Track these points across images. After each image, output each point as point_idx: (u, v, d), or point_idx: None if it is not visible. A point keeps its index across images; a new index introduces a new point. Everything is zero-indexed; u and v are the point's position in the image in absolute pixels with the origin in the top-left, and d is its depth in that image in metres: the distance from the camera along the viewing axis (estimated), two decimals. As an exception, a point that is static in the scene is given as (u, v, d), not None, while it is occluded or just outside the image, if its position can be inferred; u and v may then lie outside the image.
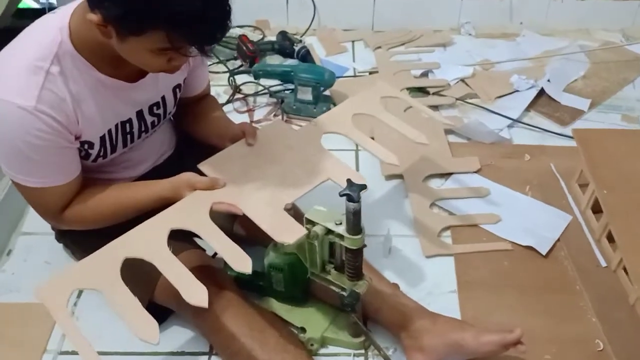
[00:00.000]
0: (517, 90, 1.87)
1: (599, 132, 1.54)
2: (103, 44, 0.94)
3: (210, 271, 1.13)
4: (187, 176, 1.06)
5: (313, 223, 1.00)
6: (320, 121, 1.26)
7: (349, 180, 0.92)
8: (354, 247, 0.98)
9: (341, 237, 0.98)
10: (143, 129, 1.15)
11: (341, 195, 0.91)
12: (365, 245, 1.01)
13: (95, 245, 1.14)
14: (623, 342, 1.18)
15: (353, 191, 0.90)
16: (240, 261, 0.94)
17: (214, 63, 1.97)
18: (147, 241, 0.97)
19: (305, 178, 1.10)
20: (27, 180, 1.01)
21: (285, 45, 2.03)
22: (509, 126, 1.75)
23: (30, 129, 0.94)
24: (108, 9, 0.85)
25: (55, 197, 1.05)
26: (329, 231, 1.00)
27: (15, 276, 1.33)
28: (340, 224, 0.98)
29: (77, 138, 1.03)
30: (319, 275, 1.09)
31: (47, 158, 0.99)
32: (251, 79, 1.88)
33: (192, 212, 1.02)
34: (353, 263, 1.02)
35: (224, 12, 0.88)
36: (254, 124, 1.76)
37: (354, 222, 0.94)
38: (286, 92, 1.85)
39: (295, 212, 1.06)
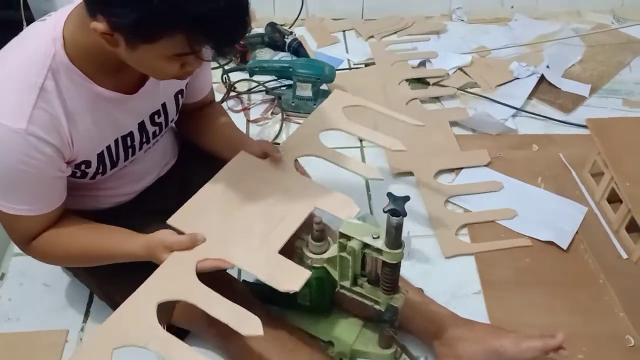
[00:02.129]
0: (517, 78, 1.84)
1: (612, 120, 1.51)
2: (103, 54, 0.84)
3: (231, 287, 1.06)
4: (161, 236, 0.94)
5: (348, 237, 0.94)
6: (287, 147, 1.16)
7: (390, 195, 0.86)
8: (394, 262, 0.93)
9: (379, 251, 0.93)
10: (144, 140, 1.06)
11: (386, 212, 0.85)
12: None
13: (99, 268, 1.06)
14: (654, 337, 1.17)
15: (398, 205, 0.84)
16: (249, 324, 0.85)
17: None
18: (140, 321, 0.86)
19: (292, 212, 1.01)
20: (5, 206, 0.91)
21: (276, 37, 1.94)
22: (513, 115, 1.72)
23: (19, 154, 0.84)
24: (120, 16, 0.76)
25: (30, 225, 0.95)
26: (365, 245, 0.94)
27: (13, 302, 1.24)
28: (378, 237, 0.92)
29: (69, 162, 0.93)
30: (350, 289, 1.03)
31: (32, 187, 0.89)
32: (245, 76, 1.80)
33: (177, 279, 0.90)
34: (390, 277, 0.97)
35: (245, 9, 0.81)
36: (251, 123, 1.70)
37: (396, 236, 0.89)
38: (283, 88, 1.77)
39: (323, 226, 1.01)
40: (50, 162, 0.88)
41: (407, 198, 0.86)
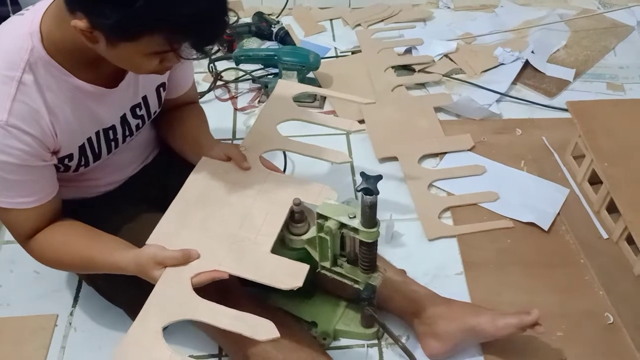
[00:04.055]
0: (502, 64, 1.85)
1: (593, 103, 1.53)
2: (81, 48, 0.86)
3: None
4: (153, 251, 0.93)
5: (325, 217, 0.96)
6: (248, 144, 1.15)
7: (363, 174, 0.88)
8: (370, 240, 0.95)
9: (356, 230, 0.95)
10: (127, 133, 1.07)
11: (358, 190, 0.87)
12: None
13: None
14: (631, 313, 1.19)
15: (371, 184, 0.86)
16: (263, 329, 0.85)
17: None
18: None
19: (272, 209, 1.02)
20: None
21: (263, 27, 1.95)
22: (497, 101, 1.73)
23: (1, 145, 0.85)
24: (102, 16, 0.77)
25: (24, 220, 0.96)
26: (342, 225, 0.96)
27: (4, 289, 1.26)
28: (354, 217, 0.94)
29: (54, 153, 0.94)
30: (330, 269, 1.05)
31: (18, 177, 0.90)
32: (231, 64, 1.81)
33: (176, 299, 0.89)
34: (368, 256, 0.99)
35: (224, 10, 0.83)
36: (238, 112, 1.71)
37: (370, 215, 0.91)
38: (269, 76, 1.78)
39: (302, 208, 1.03)
40: (34, 153, 0.89)
41: (379, 177, 0.88)
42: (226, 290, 1.04)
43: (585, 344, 1.15)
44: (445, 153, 1.56)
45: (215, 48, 1.75)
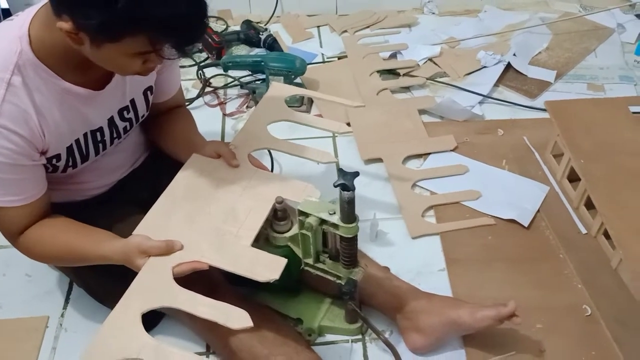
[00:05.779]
0: (485, 66, 1.89)
1: (570, 102, 1.57)
2: (68, 51, 0.89)
3: (201, 273, 1.11)
4: (138, 240, 0.97)
5: (306, 214, 0.99)
6: (238, 142, 1.19)
7: (340, 170, 0.92)
8: (349, 235, 0.98)
9: (336, 226, 0.98)
10: (115, 135, 1.11)
11: (336, 186, 0.90)
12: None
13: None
14: (609, 305, 1.22)
15: (347, 180, 0.89)
16: (237, 318, 0.88)
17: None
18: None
19: (256, 206, 1.05)
20: None
21: (251, 34, 1.99)
22: (480, 102, 1.77)
23: None
24: (85, 17, 0.80)
25: (14, 217, 0.99)
26: (322, 221, 0.99)
27: (-4, 292, 1.29)
28: (334, 213, 0.98)
29: (42, 153, 0.97)
30: (313, 265, 1.08)
31: (7, 176, 0.93)
32: (220, 71, 1.85)
33: (156, 287, 0.93)
34: (348, 251, 1.02)
35: (204, 12, 0.87)
36: (227, 117, 1.75)
37: (349, 211, 0.94)
38: (257, 82, 1.82)
39: (284, 206, 1.06)
40: (23, 152, 0.92)
41: (356, 173, 0.91)
42: (213, 287, 1.06)
43: (564, 335, 1.18)
44: (429, 154, 1.60)
45: (199, 51, 1.78)
